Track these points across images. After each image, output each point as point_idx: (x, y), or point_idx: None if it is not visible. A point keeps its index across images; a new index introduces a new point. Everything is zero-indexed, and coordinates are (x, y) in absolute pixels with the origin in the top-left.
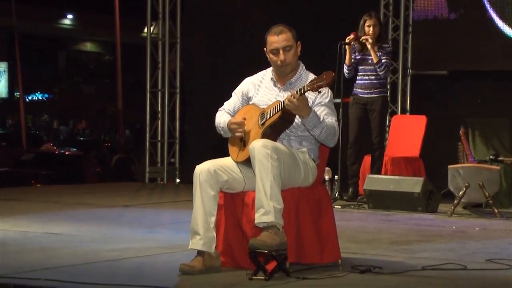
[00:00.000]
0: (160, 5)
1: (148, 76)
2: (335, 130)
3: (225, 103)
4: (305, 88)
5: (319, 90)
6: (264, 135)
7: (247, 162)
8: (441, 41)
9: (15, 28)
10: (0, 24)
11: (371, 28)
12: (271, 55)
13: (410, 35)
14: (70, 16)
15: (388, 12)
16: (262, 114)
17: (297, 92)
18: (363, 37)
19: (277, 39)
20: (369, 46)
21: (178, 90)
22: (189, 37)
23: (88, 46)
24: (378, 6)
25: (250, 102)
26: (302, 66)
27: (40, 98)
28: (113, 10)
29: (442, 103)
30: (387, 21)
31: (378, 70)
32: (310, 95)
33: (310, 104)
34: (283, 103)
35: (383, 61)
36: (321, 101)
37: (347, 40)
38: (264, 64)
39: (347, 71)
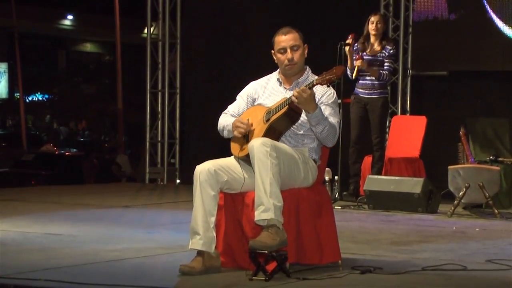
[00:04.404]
0: (160, 5)
1: (148, 77)
2: (335, 131)
3: (229, 106)
4: (315, 82)
5: (328, 84)
6: (268, 131)
7: (249, 158)
8: (441, 42)
9: (15, 28)
10: (0, 24)
11: (374, 25)
12: (279, 55)
13: (410, 36)
14: (70, 16)
15: (388, 13)
16: (268, 111)
17: (306, 86)
18: (355, 63)
19: (285, 38)
20: (365, 68)
21: (178, 91)
22: (189, 37)
23: (88, 47)
24: (378, 7)
25: (255, 103)
26: (308, 69)
27: (40, 98)
28: (113, 10)
29: (442, 103)
30: (387, 22)
31: (381, 80)
32: (317, 93)
33: None
34: (290, 99)
35: (385, 69)
36: (325, 101)
37: (347, 42)
38: (264, 65)
39: (350, 73)
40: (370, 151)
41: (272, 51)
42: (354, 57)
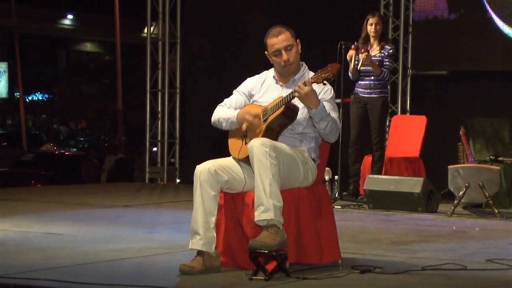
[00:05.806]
0: (160, 5)
1: (148, 76)
2: (337, 126)
3: (226, 100)
4: (311, 80)
5: (324, 82)
6: (266, 131)
7: (248, 160)
8: (441, 41)
9: (15, 28)
10: (0, 24)
11: (373, 26)
12: (274, 57)
13: (410, 36)
14: (70, 16)
15: (388, 12)
16: (265, 111)
17: (303, 83)
18: (360, 55)
19: (277, 40)
20: (368, 62)
21: (178, 90)
22: (189, 37)
23: (88, 46)
24: (378, 7)
25: (252, 100)
26: (305, 66)
27: (40, 98)
28: (113, 10)
29: (442, 103)
30: (387, 22)
31: (381, 79)
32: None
33: None
34: (286, 98)
35: (384, 68)
36: (323, 97)
37: (348, 57)
38: (264, 64)
39: (351, 76)
40: (370, 151)
41: (266, 52)
42: (356, 57)
